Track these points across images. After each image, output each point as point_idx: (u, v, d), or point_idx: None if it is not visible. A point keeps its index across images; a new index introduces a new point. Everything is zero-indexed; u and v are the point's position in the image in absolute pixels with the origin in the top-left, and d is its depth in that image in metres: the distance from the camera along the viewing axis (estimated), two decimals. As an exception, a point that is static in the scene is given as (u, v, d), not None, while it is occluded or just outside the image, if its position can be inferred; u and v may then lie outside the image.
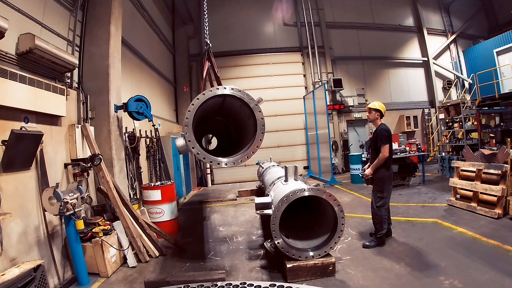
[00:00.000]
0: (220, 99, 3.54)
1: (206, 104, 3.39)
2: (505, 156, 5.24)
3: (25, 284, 2.76)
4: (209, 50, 4.58)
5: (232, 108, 3.88)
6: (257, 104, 3.35)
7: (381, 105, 4.44)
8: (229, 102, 3.67)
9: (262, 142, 3.41)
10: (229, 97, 3.42)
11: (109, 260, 3.86)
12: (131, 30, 7.12)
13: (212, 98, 3.31)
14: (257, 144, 3.35)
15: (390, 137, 4.28)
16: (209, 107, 3.75)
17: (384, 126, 4.34)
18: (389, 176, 4.34)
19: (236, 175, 12.26)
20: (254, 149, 3.36)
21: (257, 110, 3.35)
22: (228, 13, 12.73)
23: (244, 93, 3.35)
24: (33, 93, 3.45)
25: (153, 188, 5.32)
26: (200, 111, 3.40)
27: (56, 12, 4.38)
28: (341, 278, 3.40)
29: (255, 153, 3.39)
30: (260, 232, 5.34)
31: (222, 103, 3.79)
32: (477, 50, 13.04)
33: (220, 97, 3.41)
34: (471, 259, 3.55)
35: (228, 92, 3.31)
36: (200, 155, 3.20)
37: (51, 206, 3.36)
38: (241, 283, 1.84)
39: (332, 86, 12.28)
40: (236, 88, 3.35)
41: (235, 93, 3.32)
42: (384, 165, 4.25)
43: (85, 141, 4.56)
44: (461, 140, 9.70)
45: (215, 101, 3.57)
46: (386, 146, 4.16)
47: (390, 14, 13.90)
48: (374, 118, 4.42)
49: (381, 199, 4.25)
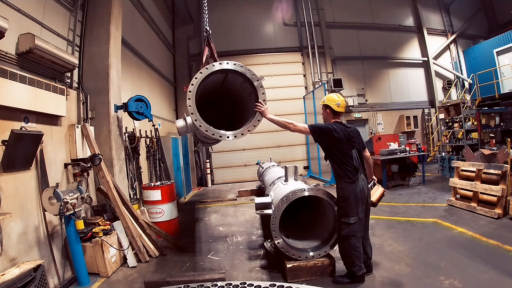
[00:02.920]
0: (222, 76, 3.51)
1: (207, 82, 3.36)
2: (505, 156, 5.24)
3: (25, 284, 2.76)
4: (208, 36, 4.53)
5: (233, 87, 3.85)
6: (258, 80, 3.35)
7: (330, 98, 3.36)
8: (231, 81, 3.65)
9: None
10: (231, 74, 3.41)
11: (109, 260, 3.86)
12: (131, 30, 7.11)
13: (215, 74, 3.30)
14: (258, 118, 3.38)
15: (336, 135, 3.12)
16: (210, 86, 3.72)
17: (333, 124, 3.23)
18: (354, 191, 3.07)
19: (236, 175, 12.27)
20: (255, 123, 3.37)
21: (259, 86, 3.35)
22: (228, 13, 12.73)
23: (247, 69, 3.35)
24: (33, 93, 3.45)
25: (153, 188, 5.31)
26: (201, 90, 3.36)
27: (56, 12, 4.38)
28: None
29: (256, 127, 3.40)
30: (260, 232, 5.34)
31: (223, 82, 3.76)
32: (477, 50, 13.04)
33: (222, 73, 3.39)
34: (471, 259, 3.55)
35: (231, 67, 3.29)
36: (203, 127, 3.14)
37: (51, 206, 3.36)
38: (241, 283, 1.84)
39: (332, 86, 12.25)
40: (238, 64, 3.35)
41: (237, 68, 3.30)
42: (345, 175, 3.08)
43: (85, 141, 4.56)
44: (461, 140, 9.70)
45: (216, 79, 3.56)
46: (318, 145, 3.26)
47: (390, 14, 13.90)
48: (325, 116, 3.44)
49: (347, 226, 3.09)
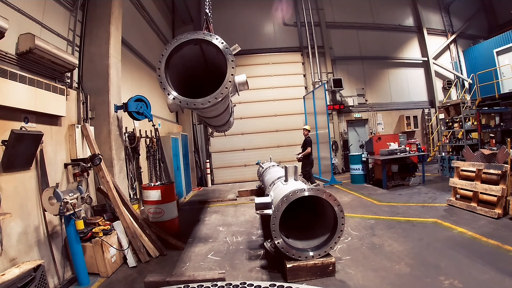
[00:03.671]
0: (198, 49, 3.38)
1: (186, 58, 3.25)
2: (505, 156, 5.24)
3: (25, 284, 2.76)
4: (207, 19, 4.49)
5: (213, 60, 3.68)
6: (227, 48, 3.19)
7: (309, 126, 9.00)
8: (209, 53, 3.49)
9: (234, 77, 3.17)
10: (205, 45, 3.25)
11: (109, 260, 3.86)
12: (131, 30, 7.12)
13: (186, 46, 3.16)
14: (226, 85, 3.10)
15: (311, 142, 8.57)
16: (191, 62, 3.60)
17: (309, 138, 8.59)
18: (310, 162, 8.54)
19: (236, 175, 12.28)
20: (223, 90, 3.11)
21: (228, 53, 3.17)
22: (228, 13, 12.72)
23: (214, 36, 3.19)
24: (33, 93, 3.45)
25: (153, 188, 5.31)
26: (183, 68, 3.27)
27: (56, 12, 4.38)
28: (341, 278, 3.40)
29: (225, 94, 3.13)
30: (260, 232, 5.34)
31: (204, 56, 3.63)
32: (477, 50, 13.05)
33: (195, 44, 3.25)
34: (471, 259, 3.55)
35: (200, 37, 3.10)
36: (176, 100, 3.04)
37: (51, 206, 3.36)
38: (241, 283, 1.83)
39: (332, 86, 12.28)
40: (207, 33, 3.21)
41: (206, 37, 3.12)
42: (307, 156, 8.42)
43: (85, 141, 4.56)
44: (461, 140, 9.70)
45: (194, 54, 3.43)
46: (309, 147, 8.39)
47: (390, 14, 13.90)
48: (307, 134, 8.66)
49: (305, 171, 8.44)
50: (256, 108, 12.46)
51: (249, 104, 12.20)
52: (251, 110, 12.42)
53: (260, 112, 12.56)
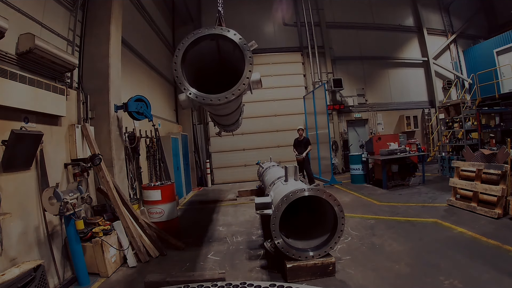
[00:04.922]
0: (214, 44, 3.30)
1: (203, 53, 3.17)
2: (505, 156, 5.23)
3: (25, 284, 2.76)
4: (220, 17, 4.45)
5: (229, 57, 3.60)
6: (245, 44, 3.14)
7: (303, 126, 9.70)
8: (225, 49, 3.40)
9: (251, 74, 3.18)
10: (222, 41, 3.17)
11: (109, 260, 3.86)
12: (131, 30, 7.11)
13: (203, 42, 3.08)
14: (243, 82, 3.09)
15: None
16: (208, 58, 3.53)
17: (307, 137, 9.26)
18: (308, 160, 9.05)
19: (236, 175, 12.27)
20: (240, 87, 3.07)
21: (247, 50, 3.13)
22: (228, 13, 12.57)
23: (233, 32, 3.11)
24: (33, 93, 3.45)
25: (153, 188, 5.31)
26: (198, 63, 3.18)
27: (56, 12, 4.38)
28: (341, 278, 3.40)
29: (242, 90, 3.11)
30: (260, 232, 5.34)
31: (219, 52, 3.56)
32: (477, 50, 13.04)
33: (212, 40, 3.17)
34: (471, 259, 3.55)
35: (218, 32, 3.00)
36: (192, 95, 2.98)
37: (51, 206, 3.36)
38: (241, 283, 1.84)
39: (332, 86, 12.28)
40: (225, 29, 3.13)
41: (224, 33, 3.03)
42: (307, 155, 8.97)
43: (85, 141, 4.56)
44: (461, 140, 9.69)
45: (210, 49, 3.36)
46: (310, 145, 8.99)
47: (390, 14, 13.89)
48: (302, 133, 9.05)
49: (310, 170, 8.98)
50: (256, 108, 12.43)
51: (249, 104, 12.05)
52: (251, 110, 12.33)
53: (260, 112, 12.55)
